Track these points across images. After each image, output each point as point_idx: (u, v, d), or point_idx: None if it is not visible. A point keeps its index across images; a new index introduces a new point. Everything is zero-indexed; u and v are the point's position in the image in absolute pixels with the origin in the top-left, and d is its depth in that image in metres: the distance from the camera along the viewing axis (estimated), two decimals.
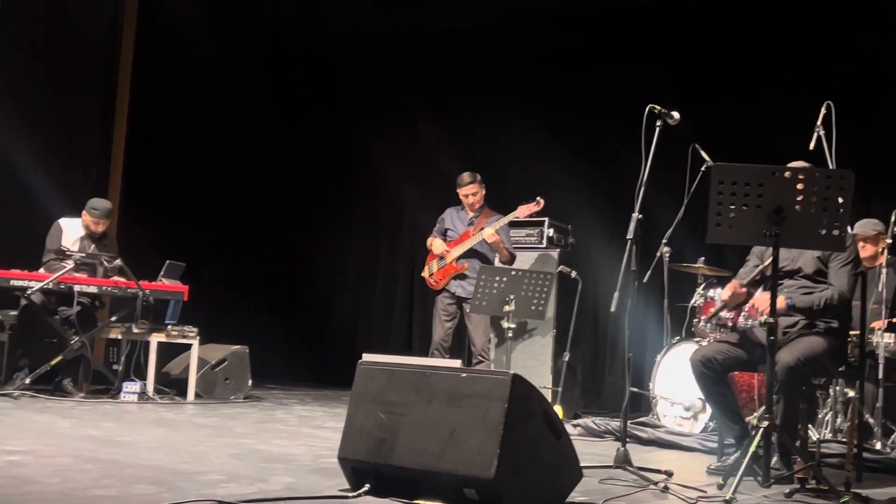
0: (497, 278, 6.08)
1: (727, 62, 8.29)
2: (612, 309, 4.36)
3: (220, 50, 9.62)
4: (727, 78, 8.30)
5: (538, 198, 6.83)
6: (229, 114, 9.93)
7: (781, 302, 4.23)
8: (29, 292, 6.35)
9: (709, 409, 5.76)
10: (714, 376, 4.45)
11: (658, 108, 4.47)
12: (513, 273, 6.16)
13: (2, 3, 7.79)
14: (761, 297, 4.31)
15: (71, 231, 6.93)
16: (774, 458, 4.10)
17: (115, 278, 6.76)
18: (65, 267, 6.51)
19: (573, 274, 7.04)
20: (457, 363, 6.03)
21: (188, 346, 7.09)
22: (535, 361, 7.15)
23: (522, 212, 6.86)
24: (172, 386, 7.08)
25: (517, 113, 9.15)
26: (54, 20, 8.55)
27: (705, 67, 8.41)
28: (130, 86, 9.27)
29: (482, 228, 6.92)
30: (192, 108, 9.64)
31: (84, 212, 6.93)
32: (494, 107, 9.43)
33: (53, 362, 6.47)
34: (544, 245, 7.47)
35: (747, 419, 4.88)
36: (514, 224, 7.18)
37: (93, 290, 6.67)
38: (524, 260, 7.36)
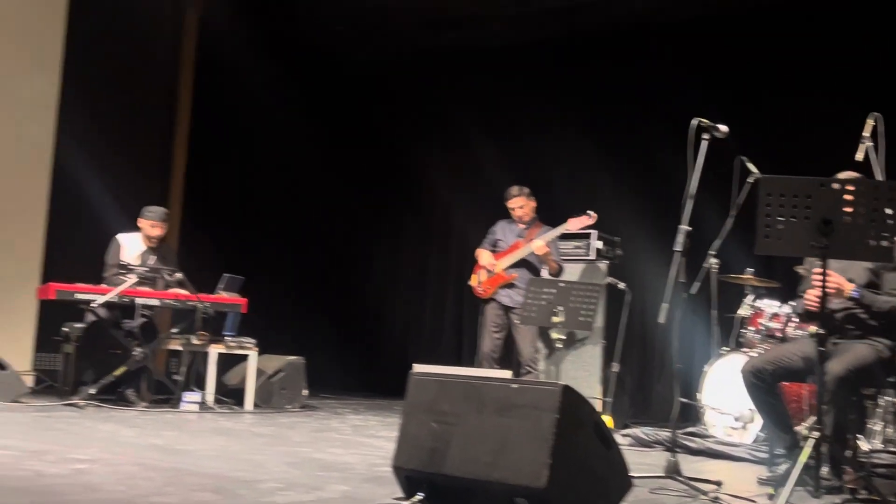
0: (546, 290, 6.06)
1: (774, 74, 8.20)
2: (661, 320, 4.33)
3: (274, 70, 9.75)
4: (773, 89, 8.22)
5: (589, 211, 6.81)
6: (284, 131, 10.06)
7: (849, 287, 4.20)
8: (93, 305, 6.46)
9: (758, 420, 5.69)
10: (764, 387, 4.40)
11: (705, 121, 4.44)
12: (561, 285, 6.14)
13: (69, 30, 7.97)
14: (837, 276, 4.25)
15: (130, 246, 7.04)
16: (825, 469, 4.04)
17: (176, 291, 6.86)
18: (128, 281, 6.63)
19: (621, 285, 7.00)
20: (506, 374, 6.06)
21: (246, 357, 7.17)
22: (583, 372, 7.12)
23: (573, 225, 6.84)
24: (231, 396, 7.16)
25: (566, 126, 9.14)
26: (119, 44, 8.74)
27: (752, 79, 8.33)
28: (191, 106, 9.43)
29: (532, 240, 6.91)
30: (248, 127, 9.79)
31: (140, 219, 7.02)
32: (543, 120, 9.43)
33: (117, 373, 6.57)
34: (592, 257, 7.43)
35: (797, 429, 4.80)
36: (562, 236, 7.16)
37: (154, 302, 6.77)
38: (572, 271, 7.34)
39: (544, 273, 6.98)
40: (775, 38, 8.22)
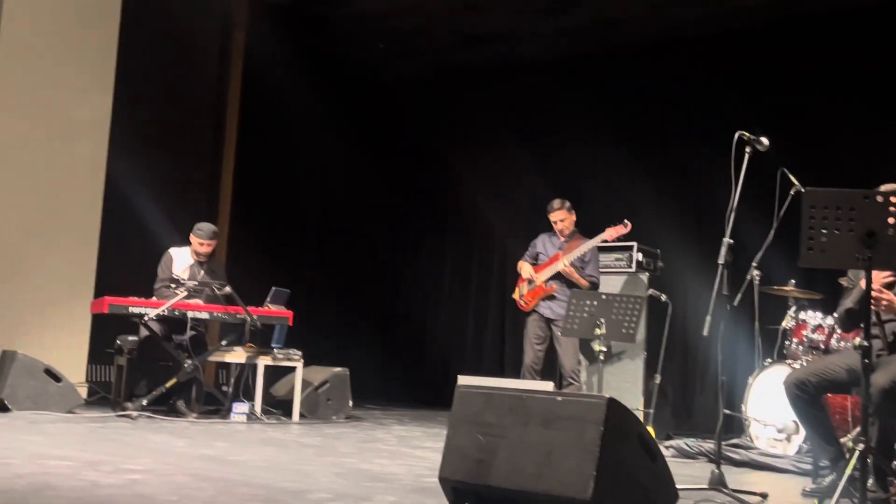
0: (588, 302, 6.04)
1: (815, 84, 8.13)
2: (705, 333, 4.30)
3: (317, 87, 9.86)
4: (814, 99, 8.14)
5: (625, 220, 6.79)
6: (327, 147, 10.15)
7: None
8: (146, 318, 6.54)
9: (802, 431, 5.62)
10: (808, 399, 4.34)
11: (747, 134, 4.42)
12: (603, 297, 6.11)
13: (121, 51, 8.11)
14: (888, 293, 4.18)
15: (180, 259, 7.12)
16: (870, 481, 3.98)
17: (224, 304, 6.93)
18: (178, 294, 6.71)
19: (663, 298, 6.95)
20: (549, 385, 6.04)
21: (293, 369, 7.22)
22: (626, 384, 7.08)
23: (610, 234, 6.82)
24: (278, 407, 7.21)
25: (606, 139, 9.12)
26: (169, 64, 8.89)
27: (792, 90, 8.25)
28: (238, 123, 9.54)
29: (571, 252, 6.90)
30: (292, 143, 9.88)
31: (192, 235, 7.13)
32: (583, 133, 9.42)
33: (168, 385, 6.64)
34: (633, 269, 7.40)
35: (842, 441, 4.73)
36: (602, 248, 7.14)
37: (204, 315, 6.84)
38: (613, 283, 7.30)
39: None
40: (815, 48, 8.15)
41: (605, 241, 6.94)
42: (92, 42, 7.98)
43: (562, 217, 7.03)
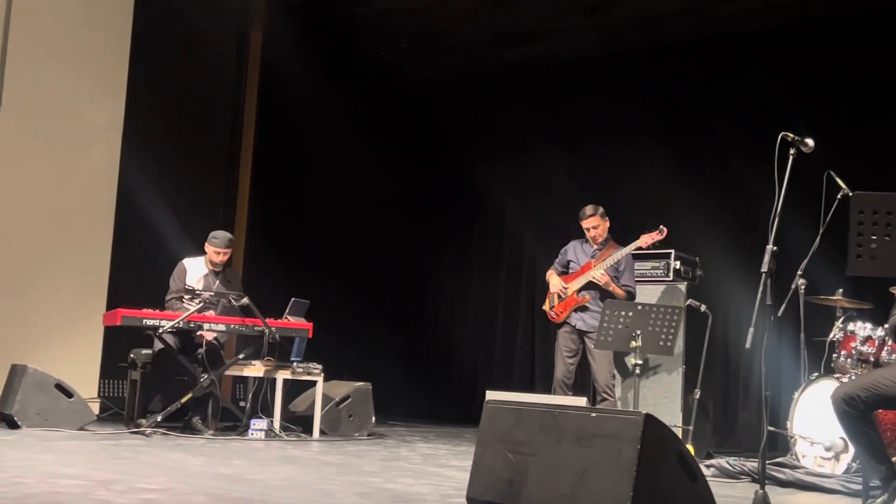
0: (623, 313, 6.01)
1: (862, 83, 8.06)
2: (747, 345, 4.25)
3: (338, 90, 9.90)
4: (861, 99, 8.07)
5: (661, 226, 6.75)
6: (348, 153, 10.17)
7: None
8: (161, 331, 6.58)
9: (852, 449, 5.55)
10: (857, 414, 4.29)
11: (791, 135, 4.38)
12: (639, 307, 6.08)
13: (134, 54, 8.18)
14: None
15: (194, 270, 7.16)
16: None
17: (242, 316, 6.96)
18: (193, 306, 6.74)
19: (703, 308, 6.89)
20: (582, 401, 6.01)
21: (313, 383, 7.23)
22: (663, 399, 7.03)
23: (645, 241, 6.78)
24: (298, 423, 7.22)
25: (642, 141, 9.10)
26: (183, 67, 8.95)
27: (839, 89, 8.19)
28: (255, 128, 9.58)
29: (605, 259, 6.87)
30: (313, 148, 9.91)
31: (207, 244, 7.16)
32: (618, 135, 9.40)
33: (184, 400, 6.67)
34: (671, 278, 7.35)
35: (893, 459, 4.67)
36: (638, 256, 7.10)
37: (221, 328, 6.87)
38: (650, 293, 7.26)
39: None
40: (863, 46, 8.07)
41: (640, 249, 6.90)
42: (102, 44, 8.04)
43: (595, 224, 7.00)
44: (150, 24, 8.42)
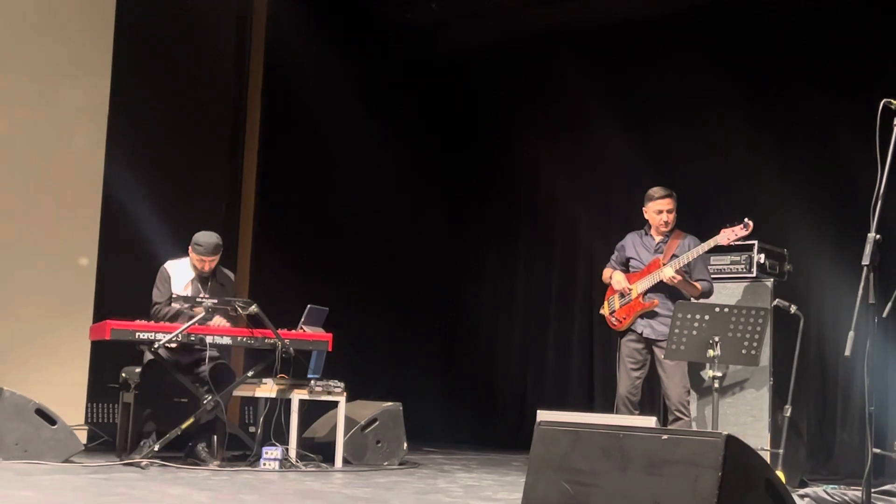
0: (698, 316, 5.98)
1: None
2: (847, 353, 4.21)
3: (356, 64, 9.93)
4: None
5: (746, 219, 6.68)
6: (370, 137, 10.20)
7: None
8: (157, 346, 6.61)
9: None
10: None
11: (895, 102, 4.33)
12: (717, 310, 6.04)
13: (118, 25, 8.24)
14: None
15: (179, 274, 7.11)
16: None
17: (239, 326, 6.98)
18: (194, 316, 6.78)
19: (793, 309, 6.84)
20: (651, 420, 5.99)
21: (334, 404, 7.26)
22: (747, 418, 7.00)
23: (727, 237, 6.71)
24: (317, 450, 7.25)
25: (716, 113, 9.02)
26: (175, 40, 9.02)
27: None
28: (260, 114, 9.64)
29: (674, 255, 6.82)
30: (326, 135, 9.95)
31: (190, 248, 7.08)
32: (687, 107, 9.33)
33: (184, 426, 6.71)
34: (754, 274, 7.29)
35: None
36: (714, 249, 7.05)
37: (226, 341, 6.91)
38: (730, 293, 7.22)
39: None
40: None
41: (719, 245, 6.83)
42: (83, 14, 8.11)
43: (670, 206, 6.93)
44: None
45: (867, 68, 8.07)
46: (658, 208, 6.93)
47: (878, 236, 4.26)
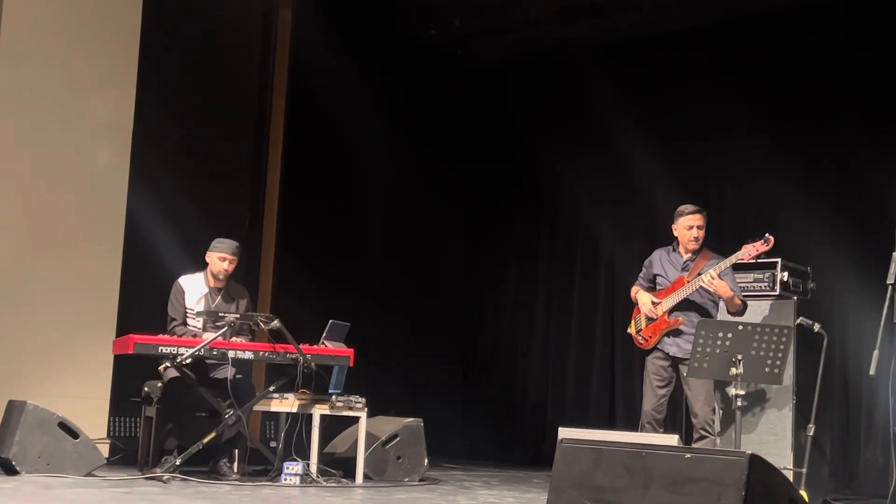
0: (721, 334, 5.96)
1: None
2: (871, 372, 4.21)
3: (381, 76, 9.98)
4: None
5: (767, 235, 6.68)
6: (394, 149, 10.23)
7: None
8: (180, 360, 6.63)
9: None
10: None
11: None
12: (740, 328, 6.03)
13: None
14: None
15: (192, 289, 7.17)
16: None
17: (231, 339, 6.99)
18: (217, 330, 6.82)
19: (816, 327, 6.82)
20: (674, 439, 5.98)
21: (355, 420, 7.27)
22: (771, 436, 6.98)
23: (749, 253, 6.71)
24: (338, 466, 7.26)
25: (740, 129, 9.02)
26: (200, 50, 9.08)
27: None
28: (285, 124, 9.67)
29: (699, 274, 6.80)
30: (352, 145, 9.98)
31: (209, 252, 7.16)
32: (711, 123, 9.34)
33: (206, 440, 6.73)
34: (777, 292, 7.29)
35: None
36: (738, 266, 7.04)
37: (248, 356, 6.93)
38: (753, 311, 7.20)
39: (721, 315, 6.85)
40: None
41: (742, 261, 6.83)
42: (108, 28, 8.16)
43: (700, 222, 6.91)
44: (163, 5, 8.54)
45: (890, 96, 8.04)
46: (689, 224, 6.92)
47: None
